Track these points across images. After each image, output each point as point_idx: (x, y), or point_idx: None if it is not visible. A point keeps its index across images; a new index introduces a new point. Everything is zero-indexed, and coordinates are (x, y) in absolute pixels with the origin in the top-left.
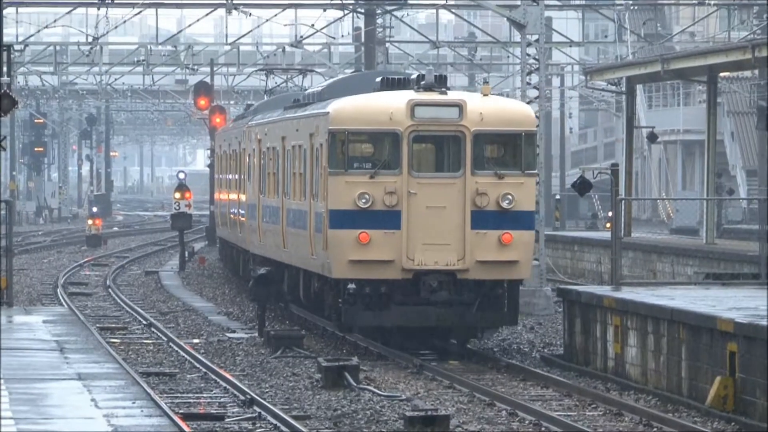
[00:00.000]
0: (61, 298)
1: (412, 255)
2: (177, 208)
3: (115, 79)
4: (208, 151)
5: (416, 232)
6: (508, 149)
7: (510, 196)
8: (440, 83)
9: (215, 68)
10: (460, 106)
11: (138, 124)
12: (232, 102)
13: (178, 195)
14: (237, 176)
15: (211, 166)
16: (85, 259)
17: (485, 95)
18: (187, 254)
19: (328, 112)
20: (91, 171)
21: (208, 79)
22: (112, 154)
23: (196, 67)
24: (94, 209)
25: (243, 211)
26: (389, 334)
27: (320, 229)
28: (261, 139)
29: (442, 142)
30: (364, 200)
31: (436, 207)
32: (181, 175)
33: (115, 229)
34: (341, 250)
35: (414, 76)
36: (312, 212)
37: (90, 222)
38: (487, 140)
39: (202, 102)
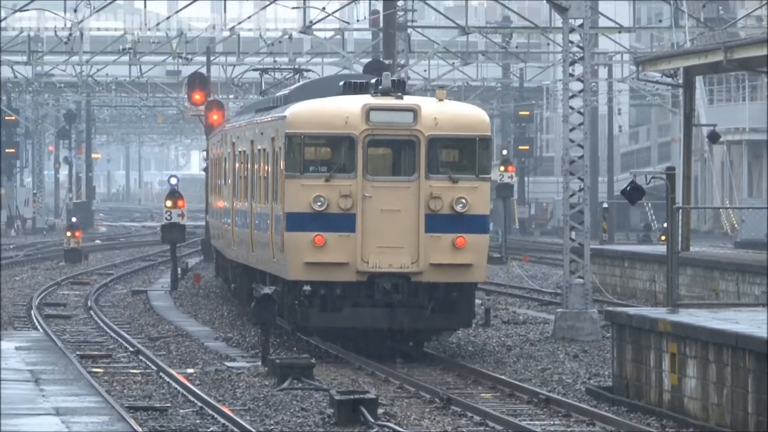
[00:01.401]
0: (36, 321)
1: (367, 258)
2: (168, 218)
3: (98, 70)
4: (204, 153)
5: (371, 235)
6: (463, 154)
7: (464, 200)
8: (397, 88)
9: (212, 57)
10: (414, 111)
11: (124, 121)
12: (231, 96)
13: (169, 203)
14: (220, 181)
15: (206, 170)
16: (63, 277)
17: (440, 100)
18: (180, 271)
19: (286, 116)
20: (69, 175)
21: (203, 70)
22: (93, 156)
23: (190, 56)
24: (74, 219)
25: (223, 218)
26: (345, 336)
27: (279, 231)
28: (234, 143)
29: (397, 146)
30: (319, 203)
31: (391, 210)
32: (173, 181)
33: (98, 242)
34: (297, 252)
35: (374, 81)
36: (272, 215)
37: (68, 234)
38: (441, 145)
39: (197, 96)
